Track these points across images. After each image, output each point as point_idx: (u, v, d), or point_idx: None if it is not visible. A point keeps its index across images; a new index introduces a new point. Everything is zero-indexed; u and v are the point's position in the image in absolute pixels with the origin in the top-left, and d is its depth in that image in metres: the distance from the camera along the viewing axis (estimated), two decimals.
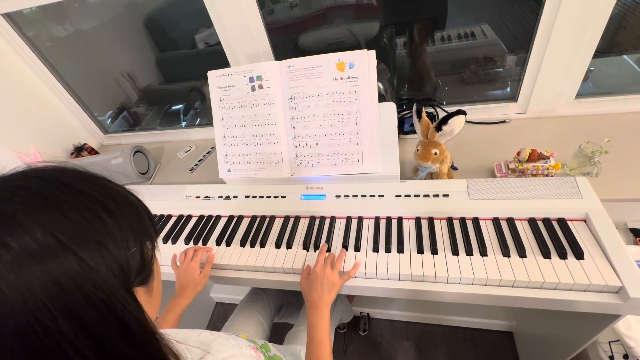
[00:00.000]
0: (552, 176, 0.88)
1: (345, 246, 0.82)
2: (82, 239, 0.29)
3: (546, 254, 0.70)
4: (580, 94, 1.04)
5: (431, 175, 0.95)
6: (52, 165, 0.33)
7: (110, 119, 1.59)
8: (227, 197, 1.03)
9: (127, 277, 0.33)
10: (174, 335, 0.49)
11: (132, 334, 0.30)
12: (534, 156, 0.88)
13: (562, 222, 0.76)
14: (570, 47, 0.93)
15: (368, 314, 1.52)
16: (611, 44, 1.01)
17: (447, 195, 0.86)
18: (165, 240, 0.97)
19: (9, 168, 0.32)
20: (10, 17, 1.23)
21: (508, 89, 1.19)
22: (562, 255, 0.69)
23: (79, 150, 1.46)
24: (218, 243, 0.92)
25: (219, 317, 1.74)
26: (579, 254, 0.69)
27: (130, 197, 0.38)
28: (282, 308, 1.16)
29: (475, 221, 0.81)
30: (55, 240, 0.28)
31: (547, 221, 0.77)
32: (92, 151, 1.49)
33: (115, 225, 0.32)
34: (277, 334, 1.04)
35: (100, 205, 0.32)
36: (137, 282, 0.35)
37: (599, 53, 0.96)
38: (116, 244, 0.32)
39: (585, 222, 0.76)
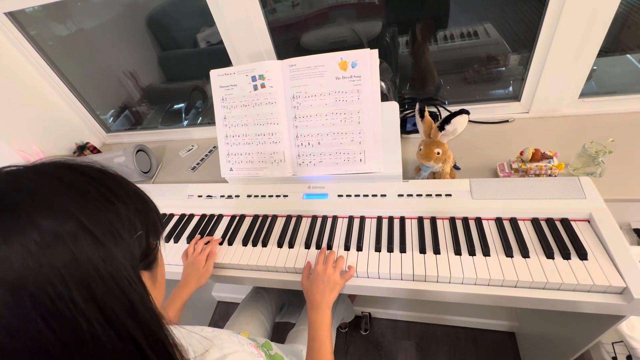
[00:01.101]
0: (555, 176, 0.87)
1: (347, 246, 0.82)
2: (98, 220, 0.33)
3: (549, 255, 0.70)
4: (583, 94, 1.04)
5: (434, 175, 0.94)
6: (66, 157, 0.37)
7: (112, 118, 1.59)
8: (229, 196, 1.03)
9: (133, 257, 0.36)
10: (176, 332, 0.50)
11: (136, 311, 0.33)
12: (537, 156, 0.87)
13: (565, 222, 0.76)
14: (574, 47, 0.93)
15: (369, 313, 1.52)
16: (615, 43, 1.00)
17: (450, 195, 0.85)
18: (167, 239, 0.98)
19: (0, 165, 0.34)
20: (13, 16, 1.23)
21: (511, 89, 1.18)
22: (566, 256, 0.69)
23: (81, 149, 1.46)
24: (220, 242, 0.91)
25: (220, 316, 1.75)
26: (582, 255, 0.68)
27: (137, 190, 0.41)
28: (283, 307, 1.16)
29: (478, 221, 0.80)
30: (77, 221, 0.31)
31: (550, 221, 0.77)
32: (95, 150, 1.49)
33: (125, 210, 0.36)
34: (279, 333, 1.04)
35: (111, 192, 0.36)
36: (143, 265, 0.38)
37: (603, 52, 0.95)
38: (125, 226, 0.35)
39: (588, 222, 0.75)
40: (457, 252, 0.75)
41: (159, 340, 0.34)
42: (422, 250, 0.77)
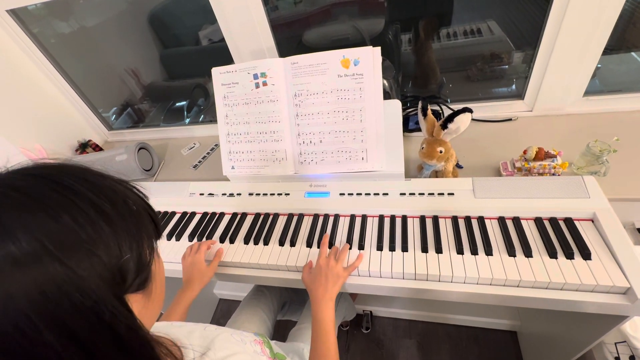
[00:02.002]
0: (559, 175, 0.87)
1: (349, 244, 0.82)
2: (71, 245, 0.28)
3: (553, 254, 0.70)
4: (587, 92, 1.03)
5: (436, 174, 0.94)
6: (56, 163, 0.32)
7: (114, 116, 1.60)
8: (231, 195, 1.03)
9: (119, 284, 0.31)
10: (179, 329, 0.50)
11: (123, 342, 0.29)
12: (541, 155, 0.87)
13: (569, 221, 0.75)
14: (579, 44, 0.92)
15: (371, 311, 1.52)
16: (620, 40, 0.99)
17: (452, 194, 0.85)
18: (169, 237, 0.98)
19: (11, 163, 0.31)
20: (15, 13, 1.23)
21: (514, 87, 1.17)
22: (569, 256, 0.69)
23: (83, 147, 1.46)
24: (222, 240, 0.92)
25: (222, 314, 1.75)
26: (586, 254, 0.68)
27: (131, 196, 0.36)
28: (285, 305, 1.16)
29: (481, 220, 0.80)
30: (41, 247, 0.27)
31: (553, 221, 0.76)
32: (97, 147, 1.49)
33: (110, 231, 0.31)
34: (280, 331, 1.04)
35: (95, 208, 0.31)
36: (134, 287, 0.34)
37: (607, 50, 0.94)
38: (108, 250, 0.30)
39: (592, 221, 0.75)
40: (460, 251, 0.75)
41: None
42: (424, 249, 0.77)
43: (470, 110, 0.80)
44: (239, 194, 1.02)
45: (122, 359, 0.29)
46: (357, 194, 0.91)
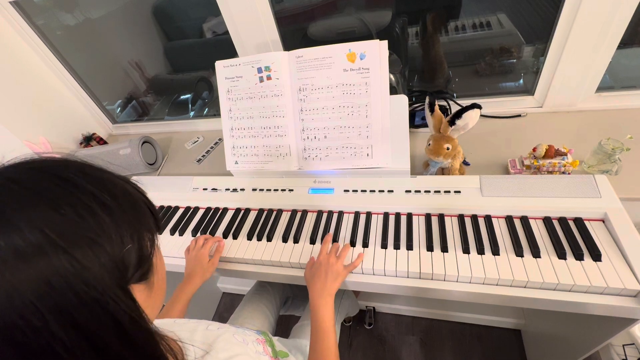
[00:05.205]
0: (569, 174, 0.85)
1: (353, 242, 0.81)
2: (74, 236, 0.28)
3: (561, 255, 0.68)
4: (598, 88, 1.00)
5: (442, 171, 0.92)
6: (53, 157, 0.33)
7: (119, 109, 1.59)
8: (234, 190, 1.02)
9: (122, 275, 0.32)
10: (182, 327, 0.49)
11: (126, 333, 0.30)
12: (551, 152, 0.85)
13: (579, 221, 0.73)
14: (594, 38, 0.89)
15: (374, 307, 1.51)
16: (633, 35, 0.96)
17: (459, 192, 0.83)
18: (172, 232, 0.97)
19: (7, 158, 0.31)
20: (19, 5, 1.22)
21: (522, 81, 1.15)
22: (579, 257, 0.67)
23: (87, 140, 1.46)
24: (225, 236, 0.91)
25: (225, 307, 1.76)
26: (596, 256, 0.66)
27: (130, 190, 0.36)
28: (287, 301, 1.16)
29: (488, 219, 0.78)
30: (45, 238, 0.27)
31: (563, 220, 0.74)
32: (101, 141, 1.49)
33: (111, 222, 0.31)
34: (283, 326, 1.04)
35: (96, 200, 0.31)
36: (135, 278, 0.34)
37: (620, 44, 0.91)
38: (111, 241, 0.31)
39: (603, 222, 0.73)
40: (466, 250, 0.73)
41: (154, 358, 0.32)
42: (430, 247, 0.75)
43: (479, 107, 0.78)
44: (242, 189, 1.01)
45: (125, 349, 0.29)
46: (362, 191, 0.90)
